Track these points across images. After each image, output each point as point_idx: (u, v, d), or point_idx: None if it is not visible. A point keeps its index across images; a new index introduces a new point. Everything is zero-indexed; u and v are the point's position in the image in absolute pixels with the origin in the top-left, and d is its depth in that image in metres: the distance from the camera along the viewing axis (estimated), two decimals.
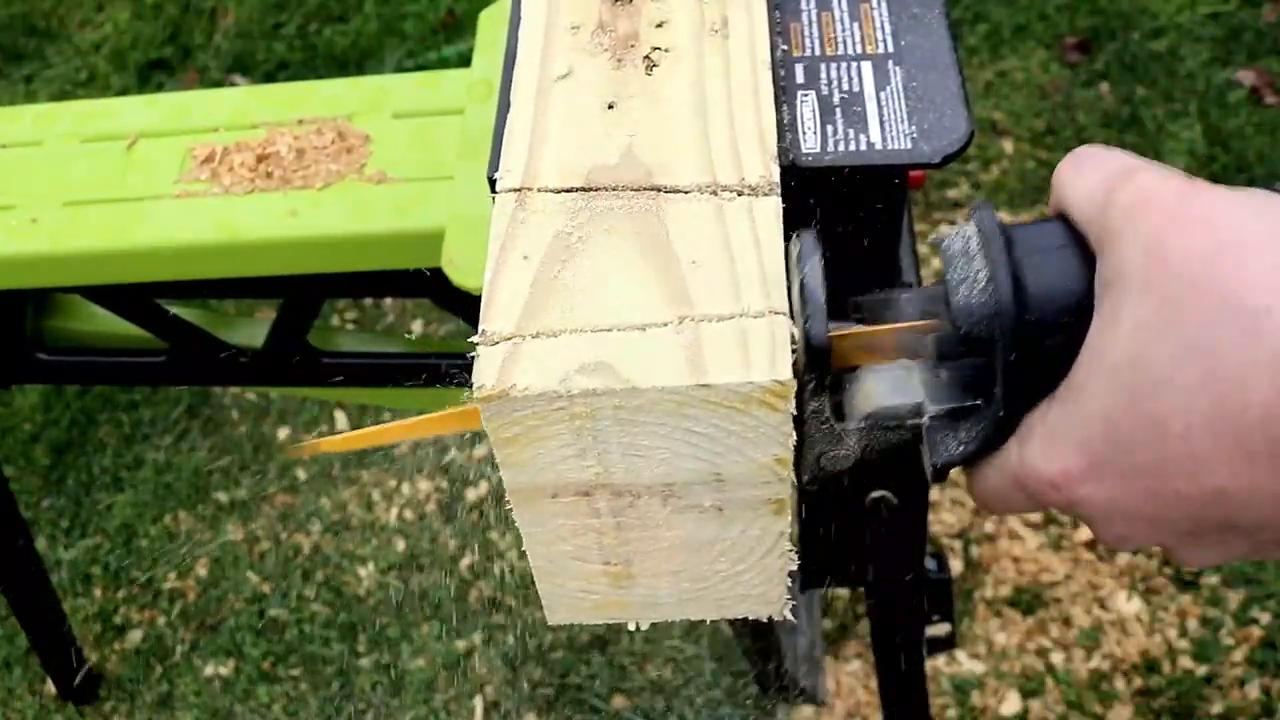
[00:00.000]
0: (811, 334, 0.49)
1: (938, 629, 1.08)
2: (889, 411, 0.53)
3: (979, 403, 0.52)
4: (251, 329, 1.17)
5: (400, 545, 1.90)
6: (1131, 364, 0.45)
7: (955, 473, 0.56)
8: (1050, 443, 0.49)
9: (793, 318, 0.49)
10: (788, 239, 0.52)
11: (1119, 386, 0.45)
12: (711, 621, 1.10)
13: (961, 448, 0.53)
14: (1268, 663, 1.65)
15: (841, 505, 0.72)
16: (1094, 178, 0.49)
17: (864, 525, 0.73)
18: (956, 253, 0.51)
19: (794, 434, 0.49)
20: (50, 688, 1.81)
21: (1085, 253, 0.49)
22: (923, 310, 0.53)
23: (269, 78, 2.53)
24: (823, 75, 0.61)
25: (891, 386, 0.53)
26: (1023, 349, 0.49)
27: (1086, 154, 0.51)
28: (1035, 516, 1.81)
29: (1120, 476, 0.47)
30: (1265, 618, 1.69)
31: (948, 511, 1.82)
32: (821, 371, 0.50)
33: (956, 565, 1.77)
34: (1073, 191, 0.50)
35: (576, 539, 0.55)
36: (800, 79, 0.61)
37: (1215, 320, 0.42)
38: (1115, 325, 0.45)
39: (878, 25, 0.63)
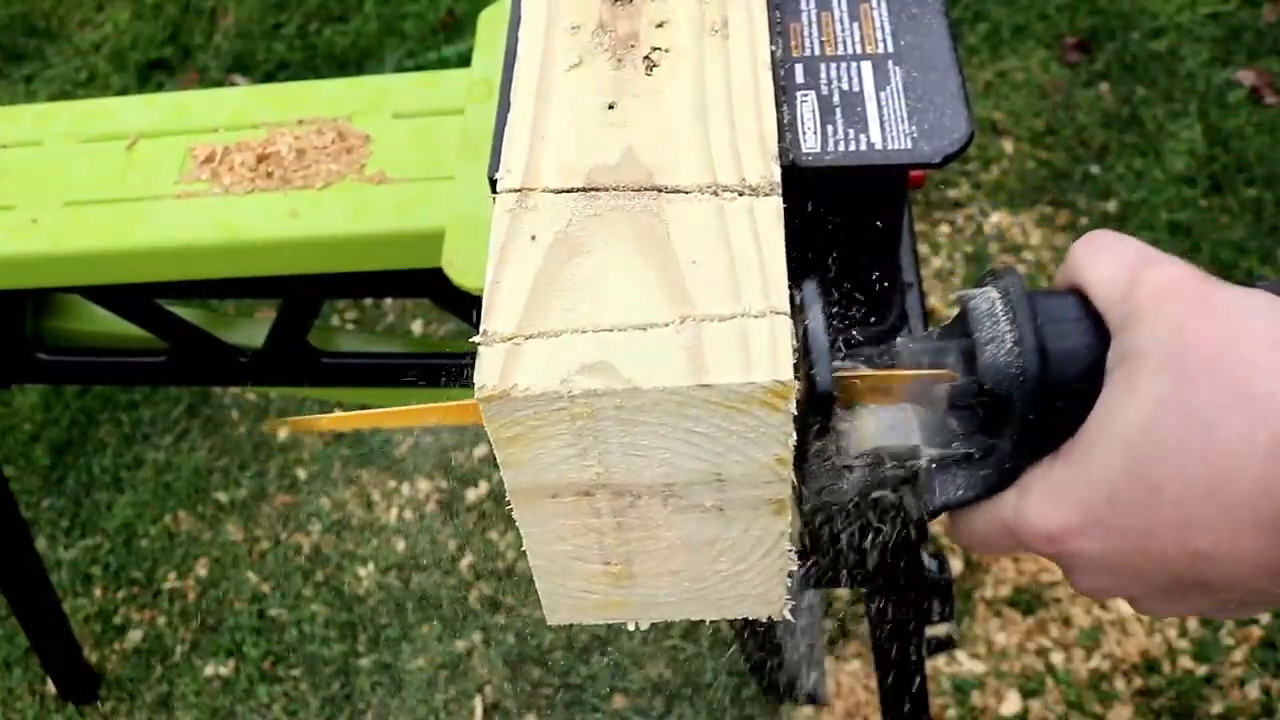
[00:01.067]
0: (817, 380, 0.51)
1: (938, 629, 1.08)
2: (886, 451, 0.56)
3: (973, 451, 0.56)
4: (251, 329, 1.17)
5: (400, 545, 1.90)
6: (1141, 432, 0.49)
7: None
8: (1052, 498, 0.52)
9: (797, 367, 0.50)
10: (788, 241, 0.53)
11: (1126, 452, 0.49)
12: (711, 622, 1.10)
13: (960, 493, 0.56)
14: (1268, 663, 1.65)
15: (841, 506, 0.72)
16: (1115, 262, 0.53)
17: (864, 526, 0.73)
18: (983, 314, 0.54)
19: (794, 434, 0.49)
20: (50, 688, 1.81)
21: (1098, 326, 0.53)
22: (932, 360, 0.56)
23: (269, 78, 2.53)
24: (822, 75, 0.61)
25: (890, 427, 0.56)
26: (1038, 408, 0.53)
27: (1103, 239, 0.55)
28: None
29: (1113, 534, 0.51)
30: (1265, 618, 1.69)
31: None
32: (826, 415, 0.53)
33: (956, 565, 1.77)
34: (1092, 273, 0.54)
35: (577, 539, 0.55)
36: (800, 79, 0.61)
37: (1223, 399, 0.47)
38: (1130, 396, 0.49)
39: (877, 25, 0.63)
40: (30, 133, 1.11)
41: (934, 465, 0.56)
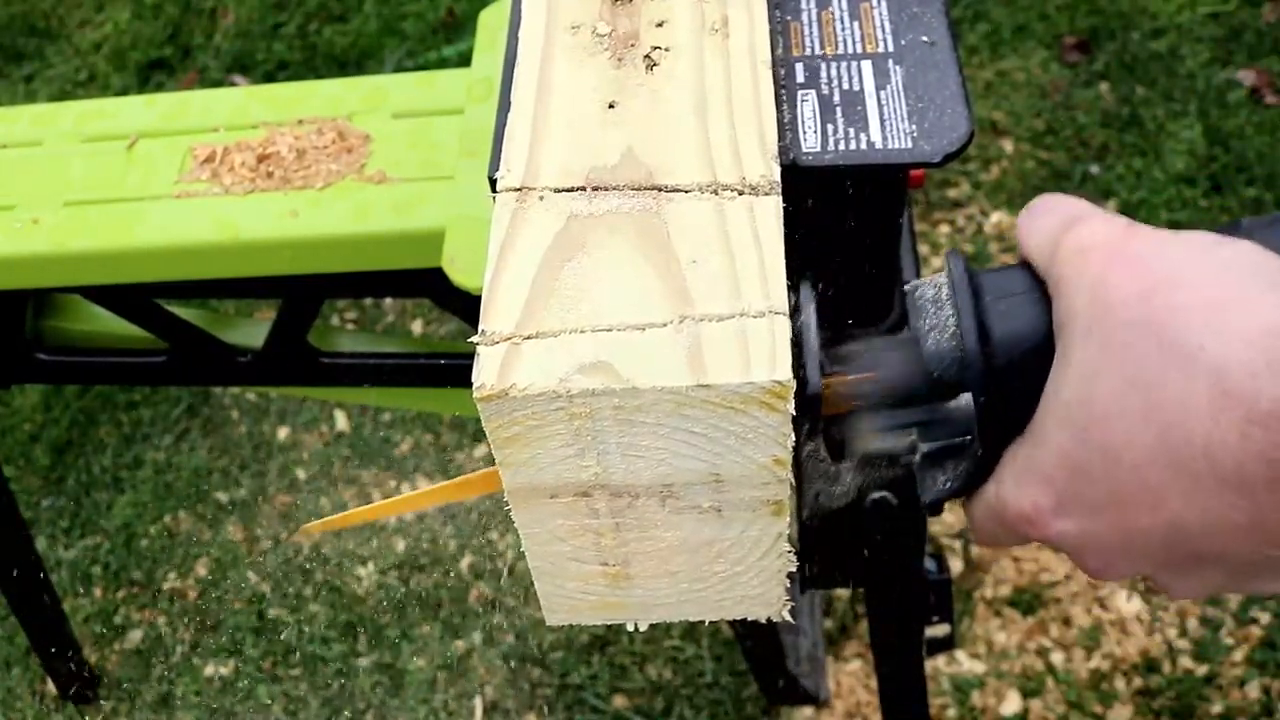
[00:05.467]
0: (807, 382, 0.51)
1: (938, 629, 1.08)
2: (882, 450, 0.56)
3: (968, 439, 0.54)
4: (251, 329, 1.17)
5: (400, 545, 1.90)
6: (1080, 402, 0.47)
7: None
8: (1019, 481, 0.51)
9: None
10: (788, 240, 0.53)
11: (1071, 424, 0.48)
12: (711, 622, 1.10)
13: (947, 484, 0.56)
14: (1268, 663, 1.65)
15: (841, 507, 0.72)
16: (1044, 226, 0.51)
17: (863, 526, 0.73)
18: (928, 300, 0.54)
19: (793, 435, 0.49)
20: (50, 688, 1.81)
21: (1046, 298, 0.51)
22: (904, 356, 0.55)
23: (269, 78, 2.53)
24: (823, 74, 0.61)
25: (885, 426, 0.55)
26: (992, 391, 0.51)
27: (1040, 203, 0.53)
28: None
29: (1085, 511, 0.49)
30: (1265, 618, 1.69)
31: (948, 511, 1.82)
32: (815, 416, 0.53)
33: (956, 565, 1.77)
34: (1028, 239, 0.52)
35: (575, 539, 0.55)
36: (800, 78, 0.61)
37: (1154, 357, 0.44)
38: (1065, 366, 0.48)
39: (878, 24, 0.63)
40: (30, 133, 1.11)
41: (928, 459, 0.56)
